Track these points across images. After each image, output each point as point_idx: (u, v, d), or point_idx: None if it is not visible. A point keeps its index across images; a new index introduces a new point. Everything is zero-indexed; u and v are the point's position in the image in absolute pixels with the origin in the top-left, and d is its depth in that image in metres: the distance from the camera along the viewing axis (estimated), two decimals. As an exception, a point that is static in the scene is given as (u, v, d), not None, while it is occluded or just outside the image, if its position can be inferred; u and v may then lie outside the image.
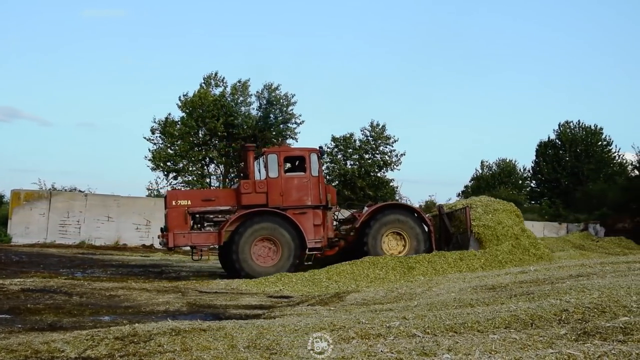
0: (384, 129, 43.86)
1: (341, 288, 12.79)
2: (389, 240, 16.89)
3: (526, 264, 14.80)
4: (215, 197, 16.89)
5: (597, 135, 50.91)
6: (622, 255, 17.50)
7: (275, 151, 16.83)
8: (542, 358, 4.43)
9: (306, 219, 16.35)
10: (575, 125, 51.39)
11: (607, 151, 51.37)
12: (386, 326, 6.35)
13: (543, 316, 6.25)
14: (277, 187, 16.30)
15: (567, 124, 51.51)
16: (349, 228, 17.57)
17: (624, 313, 6.06)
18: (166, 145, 40.54)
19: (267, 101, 42.08)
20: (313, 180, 16.55)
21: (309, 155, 16.71)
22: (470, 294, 9.26)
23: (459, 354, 4.86)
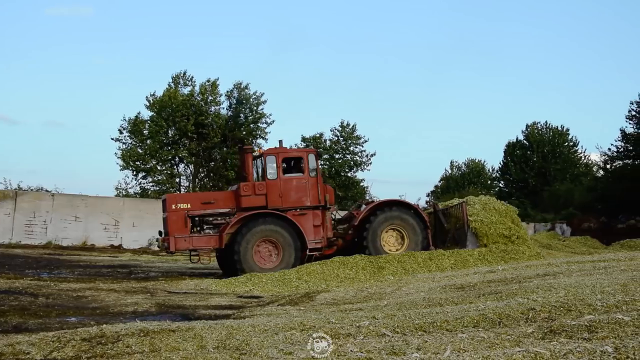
0: (354, 129, 44.03)
1: (311, 288, 12.79)
2: (387, 237, 17.01)
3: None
4: (215, 199, 16.82)
5: (564, 136, 51.63)
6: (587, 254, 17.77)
7: (273, 152, 16.79)
8: (510, 356, 4.48)
9: (306, 220, 16.42)
10: (543, 126, 52.05)
11: (574, 152, 52.13)
12: (356, 326, 6.36)
13: (511, 315, 6.31)
14: (276, 188, 16.34)
15: (535, 125, 52.16)
16: (346, 227, 17.62)
17: (589, 311, 6.16)
18: (135, 145, 40.17)
19: (237, 101, 41.93)
20: (311, 181, 16.62)
21: (307, 156, 16.83)
22: (439, 294, 9.33)
23: (428, 353, 4.89)
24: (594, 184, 42.62)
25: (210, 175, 41.55)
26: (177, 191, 41.06)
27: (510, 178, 52.49)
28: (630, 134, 40.77)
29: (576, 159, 52.06)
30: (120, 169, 39.66)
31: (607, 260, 12.28)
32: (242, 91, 41.96)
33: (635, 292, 7.12)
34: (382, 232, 16.88)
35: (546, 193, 45.68)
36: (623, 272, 9.66)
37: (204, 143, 40.19)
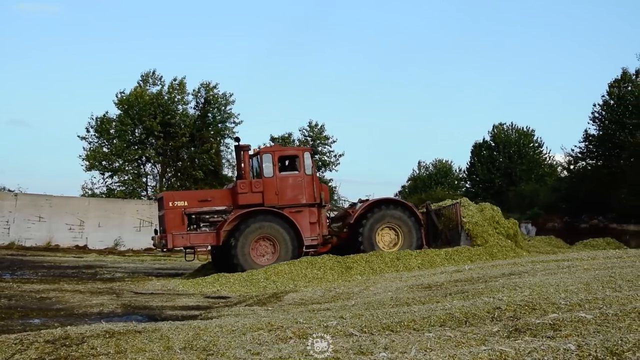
0: (322, 129, 44.08)
1: (279, 288, 12.77)
2: (382, 235, 17.22)
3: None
4: (212, 197, 16.94)
5: (529, 137, 52.23)
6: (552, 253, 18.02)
7: (269, 150, 17.02)
8: (476, 355, 4.52)
9: (302, 217, 16.63)
10: (509, 127, 52.62)
11: (539, 152, 52.75)
12: (324, 325, 6.36)
13: (477, 314, 6.38)
14: (272, 186, 16.52)
15: (501, 126, 52.71)
16: (341, 225, 17.77)
17: (553, 310, 6.25)
18: (101, 144, 39.70)
19: (205, 100, 41.65)
20: (307, 179, 16.85)
21: (303, 154, 17.03)
22: (406, 293, 9.38)
23: (395, 352, 4.91)
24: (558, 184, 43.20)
25: (178, 175, 41.22)
26: (144, 191, 40.72)
27: (477, 178, 52.96)
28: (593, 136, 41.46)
29: (541, 159, 52.68)
30: (86, 169, 39.17)
31: (571, 260, 12.48)
32: (210, 91, 41.69)
33: (597, 291, 7.25)
34: (378, 230, 17.10)
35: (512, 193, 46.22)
36: (586, 271, 9.83)
37: (171, 142, 39.87)
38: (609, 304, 6.29)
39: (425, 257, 15.46)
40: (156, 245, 16.86)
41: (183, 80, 41.38)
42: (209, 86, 41.67)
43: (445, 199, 22.68)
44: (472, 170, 53.63)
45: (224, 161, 42.56)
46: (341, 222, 17.93)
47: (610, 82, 41.45)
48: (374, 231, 17.01)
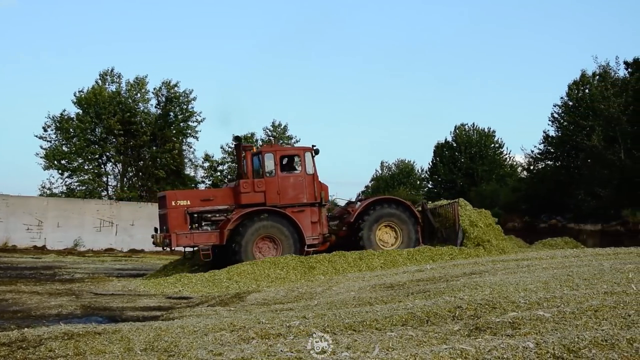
0: (285, 129, 44.02)
1: (242, 288, 12.71)
2: (381, 233, 17.46)
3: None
4: (214, 196, 17.02)
5: (490, 138, 52.89)
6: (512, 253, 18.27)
7: (271, 150, 17.18)
8: (437, 354, 4.56)
9: (304, 217, 16.79)
10: (470, 128, 53.23)
11: (499, 153, 53.46)
12: (286, 326, 6.36)
13: (438, 313, 6.44)
14: (274, 185, 16.67)
15: (463, 127, 53.29)
16: (338, 223, 17.94)
17: (512, 308, 6.35)
18: (61, 143, 39.05)
19: (166, 98, 41.25)
20: (308, 178, 17.00)
21: (304, 153, 17.15)
22: (369, 293, 9.42)
23: (358, 352, 4.93)
24: (518, 184, 43.82)
25: (139, 174, 40.77)
26: (104, 190, 40.20)
27: (439, 178, 53.45)
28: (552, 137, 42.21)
29: (502, 160, 53.41)
30: (44, 168, 38.48)
31: (530, 259, 12.69)
32: (171, 89, 41.29)
33: (555, 290, 7.39)
34: (377, 228, 17.34)
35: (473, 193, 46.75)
36: (544, 270, 10.01)
37: (132, 141, 39.41)
38: (567, 303, 6.41)
39: (388, 257, 15.53)
40: (157, 243, 16.76)
41: (144, 78, 40.95)
42: (169, 84, 41.27)
43: (407, 199, 22.90)
44: (434, 171, 54.12)
45: (186, 160, 42.25)
46: (338, 220, 18.14)
47: (569, 84, 42.29)
48: (373, 229, 17.26)
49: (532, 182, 41.69)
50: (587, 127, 35.58)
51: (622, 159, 32.00)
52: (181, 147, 41.34)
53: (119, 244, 30.99)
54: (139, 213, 31.93)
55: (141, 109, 40.96)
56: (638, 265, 9.29)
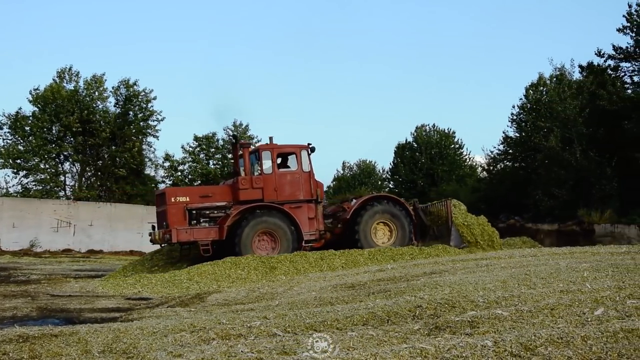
0: (247, 129, 43.84)
1: (202, 289, 12.62)
2: (377, 230, 17.83)
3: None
4: (212, 193, 17.34)
5: (450, 139, 53.48)
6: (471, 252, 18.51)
7: (268, 148, 17.49)
8: (397, 353, 4.59)
9: (301, 213, 17.21)
10: (431, 129, 53.73)
11: (459, 154, 54.10)
12: (247, 326, 6.33)
13: (399, 312, 6.49)
14: (271, 182, 17.11)
15: (423, 127, 53.75)
16: (333, 220, 18.28)
17: (471, 307, 6.43)
18: (16, 142, 38.27)
19: (126, 97, 40.72)
20: (304, 175, 17.43)
21: (300, 151, 17.54)
22: (330, 293, 9.44)
23: (318, 352, 4.93)
24: (478, 184, 44.43)
25: (98, 174, 40.17)
26: (62, 190, 39.54)
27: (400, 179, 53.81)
28: (511, 138, 42.88)
29: (462, 160, 54.04)
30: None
31: (489, 259, 12.85)
32: (130, 88, 40.77)
33: (513, 289, 7.50)
34: (373, 225, 17.71)
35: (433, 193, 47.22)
36: (503, 270, 10.15)
37: (91, 140, 38.82)
38: (524, 301, 6.51)
39: (349, 257, 15.59)
40: (155, 240, 16.84)
41: (102, 76, 40.36)
42: (128, 83, 40.73)
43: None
44: (395, 171, 54.46)
45: (146, 160, 41.79)
46: (332, 218, 18.42)
47: (527, 86, 43.04)
48: (369, 226, 17.64)
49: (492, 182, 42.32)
50: (544, 129, 36.24)
51: (578, 159, 32.68)
52: (141, 147, 40.90)
53: (77, 244, 30.52)
54: (97, 213, 31.51)
55: (100, 107, 40.38)
56: (593, 264, 9.49)
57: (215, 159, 43.16)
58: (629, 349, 4.35)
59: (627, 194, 31.30)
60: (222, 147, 43.29)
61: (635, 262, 9.63)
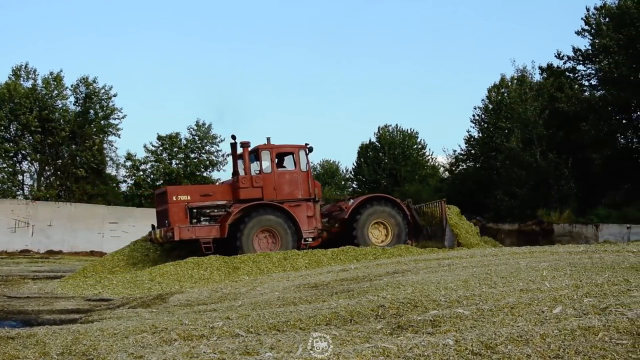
0: (209, 128, 43.53)
1: (164, 289, 12.51)
2: (373, 229, 18.30)
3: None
4: (213, 192, 17.77)
5: (413, 139, 53.85)
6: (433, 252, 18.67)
7: (268, 147, 17.87)
8: (360, 352, 4.61)
9: (300, 211, 17.64)
10: (394, 129, 54.03)
11: (422, 154, 54.51)
12: (209, 327, 6.29)
13: (361, 312, 6.51)
14: (270, 181, 17.54)
15: (386, 127, 54.05)
16: (329, 220, 18.68)
17: (433, 307, 6.48)
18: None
19: (86, 95, 40.08)
20: (303, 175, 17.95)
21: (299, 151, 18.02)
22: (293, 293, 9.43)
23: (281, 352, 4.93)
24: (440, 185, 44.86)
25: (58, 173, 39.48)
26: (20, 190, 38.80)
27: (363, 179, 53.99)
28: (473, 138, 43.40)
29: (424, 161, 54.45)
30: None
31: (451, 258, 12.98)
32: (90, 85, 40.12)
33: (474, 288, 7.59)
34: (370, 224, 18.16)
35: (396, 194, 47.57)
36: (464, 269, 10.25)
37: (50, 139, 38.14)
38: (485, 300, 6.59)
39: (312, 257, 15.60)
40: (156, 239, 16.98)
41: (60, 74, 39.65)
42: (87, 80, 40.09)
43: (332, 199, 23.33)
44: (359, 171, 54.63)
45: (107, 159, 41.21)
46: (327, 217, 18.80)
47: (489, 87, 43.62)
48: (366, 226, 18.08)
49: (454, 182, 42.78)
50: (506, 129, 36.80)
51: (537, 160, 33.26)
52: (102, 145, 40.31)
53: (36, 245, 29.94)
54: (57, 213, 30.96)
55: (59, 105, 39.70)
56: (552, 264, 9.65)
57: (179, 158, 42.73)
58: (586, 346, 4.44)
59: (584, 195, 31.98)
60: (185, 147, 42.87)
61: (592, 261, 9.82)
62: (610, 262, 9.40)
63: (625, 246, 13.98)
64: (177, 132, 43.18)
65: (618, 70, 30.86)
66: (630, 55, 31.37)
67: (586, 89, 35.85)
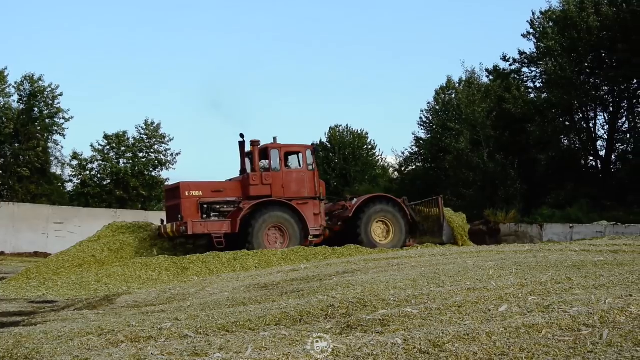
0: (158, 128, 42.94)
1: (111, 290, 12.29)
2: (375, 228, 18.99)
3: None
4: (224, 188, 18.28)
5: (363, 139, 54.18)
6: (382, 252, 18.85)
7: (277, 147, 18.56)
8: (309, 352, 4.62)
9: (307, 209, 18.29)
10: (344, 129, 54.27)
11: (372, 154, 54.90)
12: (157, 328, 6.22)
13: (311, 312, 6.52)
14: (279, 179, 18.23)
15: (337, 128, 54.25)
16: (336, 217, 19.26)
17: (382, 306, 6.53)
18: None
19: (30, 93, 39.06)
20: (309, 174, 18.68)
21: (305, 151, 18.80)
22: (243, 293, 9.39)
23: (231, 353, 4.90)
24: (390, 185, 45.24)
25: (0, 172, 38.38)
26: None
27: (314, 179, 54.03)
28: (421, 139, 43.94)
29: (374, 161, 54.84)
30: None
31: (400, 258, 13.10)
32: (34, 83, 39.10)
33: (423, 287, 7.68)
34: (373, 223, 18.84)
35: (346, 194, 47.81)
36: (413, 269, 10.37)
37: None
38: (433, 299, 6.68)
39: (262, 257, 15.56)
40: (167, 233, 17.28)
41: (4, 72, 38.53)
42: (32, 78, 39.06)
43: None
44: (309, 171, 54.60)
45: (52, 159, 40.27)
46: (329, 215, 19.35)
47: (436, 89, 44.23)
48: (369, 225, 18.75)
49: (403, 182, 43.20)
50: (454, 131, 37.35)
51: (485, 161, 33.86)
52: (47, 145, 39.37)
53: (-24, 246, 29.07)
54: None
55: (2, 103, 38.60)
56: (498, 263, 9.83)
57: (126, 157, 42.02)
58: (530, 343, 4.54)
59: (529, 195, 32.71)
60: (133, 146, 42.19)
61: (536, 259, 10.05)
62: (554, 261, 9.64)
63: (568, 245, 14.37)
64: (125, 130, 42.48)
65: (562, 73, 31.66)
66: (573, 59, 32.22)
67: (532, 91, 36.67)
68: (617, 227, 22.80)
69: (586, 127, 34.47)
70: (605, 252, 11.47)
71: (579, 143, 34.81)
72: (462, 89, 39.91)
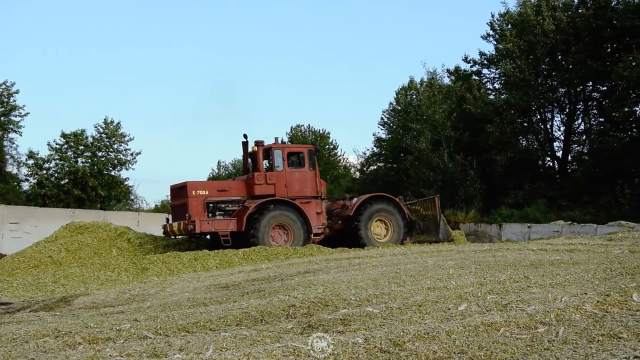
0: (118, 127, 42.31)
1: (69, 292, 12.08)
2: (374, 227, 19.40)
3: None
4: (229, 187, 18.82)
5: (325, 139, 54.29)
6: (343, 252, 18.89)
7: (280, 147, 19.15)
8: (270, 352, 4.61)
9: (310, 208, 18.73)
10: (306, 129, 54.30)
11: (334, 154, 55.05)
12: (116, 329, 6.13)
13: (272, 312, 6.51)
14: (282, 179, 18.64)
15: (299, 127, 54.23)
16: (336, 216, 19.56)
17: (343, 306, 6.56)
18: None
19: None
20: (311, 174, 19.20)
21: (307, 151, 19.41)
22: (203, 293, 9.32)
23: (191, 353, 4.86)
24: (351, 185, 45.40)
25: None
26: None
27: (276, 178, 53.86)
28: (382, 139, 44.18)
29: (336, 161, 55.01)
30: None
31: (361, 257, 13.16)
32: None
33: (384, 286, 7.73)
34: (372, 222, 19.27)
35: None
36: (374, 268, 10.43)
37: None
38: (394, 298, 6.72)
39: (224, 257, 15.47)
40: (173, 231, 17.72)
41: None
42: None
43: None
44: (271, 170, 54.48)
45: (7, 157, 39.36)
46: (328, 214, 19.61)
47: (397, 90, 44.52)
48: (369, 224, 19.18)
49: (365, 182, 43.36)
50: (415, 131, 37.62)
51: (445, 162, 34.21)
52: (2, 143, 38.49)
53: None
54: (-49, 213, 29.31)
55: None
56: (458, 262, 9.95)
57: (85, 157, 41.29)
58: (488, 342, 4.60)
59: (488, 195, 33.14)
60: (91, 145, 41.47)
61: (495, 259, 10.20)
62: (512, 260, 9.78)
63: (526, 244, 14.60)
64: (83, 129, 41.72)
65: (520, 75, 32.16)
66: (530, 61, 32.77)
67: (491, 92, 37.15)
68: (573, 226, 23.22)
69: (543, 128, 35.10)
70: (561, 251, 11.68)
71: (536, 144, 35.40)
72: (423, 90, 40.23)
